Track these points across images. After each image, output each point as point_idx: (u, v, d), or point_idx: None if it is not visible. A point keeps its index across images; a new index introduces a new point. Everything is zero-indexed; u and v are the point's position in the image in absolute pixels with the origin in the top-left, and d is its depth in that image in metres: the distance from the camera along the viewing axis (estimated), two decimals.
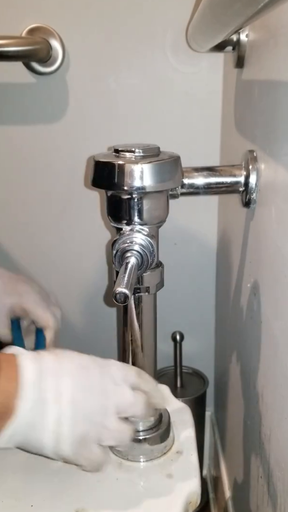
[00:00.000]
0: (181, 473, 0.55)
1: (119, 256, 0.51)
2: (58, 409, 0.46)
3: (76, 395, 0.47)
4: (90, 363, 0.50)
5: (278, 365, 0.51)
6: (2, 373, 0.45)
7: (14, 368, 0.47)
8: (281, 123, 0.48)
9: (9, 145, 0.94)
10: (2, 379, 0.45)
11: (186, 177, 0.62)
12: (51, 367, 0.48)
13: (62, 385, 0.47)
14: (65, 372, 0.48)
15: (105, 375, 0.50)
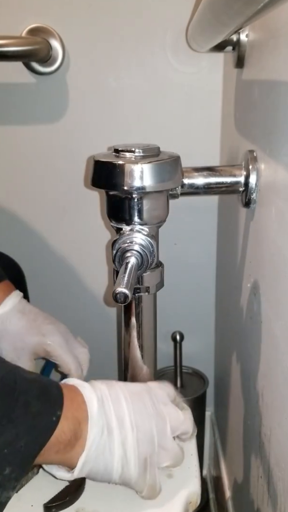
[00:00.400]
0: (181, 473, 0.55)
1: (119, 256, 0.51)
2: (123, 433, 0.48)
3: (135, 419, 0.49)
4: (139, 388, 0.52)
5: (278, 365, 0.51)
6: (70, 406, 0.47)
7: (81, 398, 0.48)
8: (281, 123, 0.48)
9: (9, 145, 0.94)
10: (72, 409, 0.47)
11: (186, 177, 0.62)
12: (109, 395, 0.50)
13: (122, 411, 0.49)
14: (122, 399, 0.50)
15: (154, 398, 0.52)
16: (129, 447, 0.48)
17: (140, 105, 0.91)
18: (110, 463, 0.48)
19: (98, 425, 0.47)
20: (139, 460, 0.48)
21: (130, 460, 0.48)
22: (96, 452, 0.47)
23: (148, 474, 0.50)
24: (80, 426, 0.47)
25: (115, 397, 0.50)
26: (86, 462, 0.47)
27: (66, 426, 0.45)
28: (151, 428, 0.49)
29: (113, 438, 0.48)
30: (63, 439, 0.45)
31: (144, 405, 0.50)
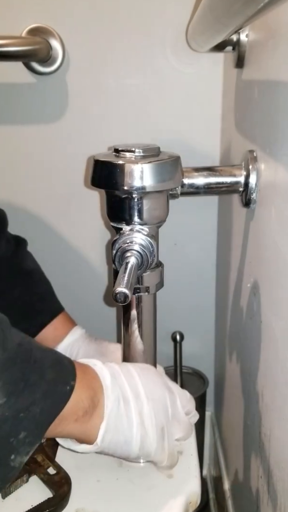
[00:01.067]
0: (181, 473, 0.55)
1: (119, 256, 0.51)
2: (139, 403, 0.49)
3: (151, 391, 0.51)
4: (148, 366, 0.56)
5: (278, 365, 0.51)
6: (83, 378, 0.48)
7: (93, 372, 0.50)
8: (281, 123, 0.48)
9: (9, 145, 0.94)
10: (86, 381, 0.48)
11: (186, 177, 0.62)
12: (119, 370, 0.51)
13: (136, 383, 0.51)
14: (135, 373, 0.52)
15: (162, 375, 0.55)
16: (146, 417, 0.49)
17: (140, 105, 0.91)
18: (130, 433, 0.48)
19: (114, 394, 0.48)
20: (157, 429, 0.50)
21: (148, 429, 0.49)
22: (115, 422, 0.48)
23: (166, 443, 0.51)
24: (96, 395, 0.47)
25: (126, 371, 0.51)
26: (106, 432, 0.47)
27: (83, 394, 0.46)
28: (165, 399, 0.52)
29: (130, 408, 0.49)
30: (81, 406, 0.46)
31: (156, 380, 0.53)
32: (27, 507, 0.50)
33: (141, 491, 0.53)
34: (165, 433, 0.51)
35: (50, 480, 0.53)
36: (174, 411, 0.52)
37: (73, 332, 0.74)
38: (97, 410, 0.47)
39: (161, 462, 0.52)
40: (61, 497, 0.51)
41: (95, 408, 0.47)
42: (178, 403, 0.53)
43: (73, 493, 0.52)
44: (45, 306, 0.75)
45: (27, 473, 0.54)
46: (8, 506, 0.51)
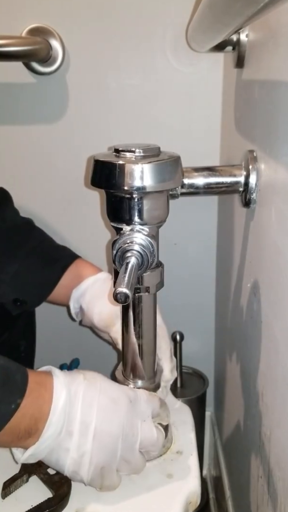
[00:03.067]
0: (181, 473, 0.55)
1: (119, 256, 0.51)
2: (83, 440, 0.48)
3: (102, 429, 0.48)
4: (121, 397, 0.51)
5: (278, 365, 0.51)
6: (35, 399, 0.47)
7: (49, 393, 0.48)
8: (281, 123, 0.48)
9: (9, 145, 0.94)
10: (35, 404, 0.46)
11: (186, 177, 0.62)
12: (83, 396, 0.49)
13: (90, 417, 0.48)
14: (95, 404, 0.49)
15: (134, 411, 0.51)
16: (85, 454, 0.48)
17: (140, 105, 0.91)
18: (63, 461, 0.48)
19: (56, 425, 0.47)
20: (94, 468, 0.49)
21: (84, 466, 0.48)
22: (48, 449, 0.47)
23: (105, 479, 0.50)
24: (36, 424, 0.46)
25: (88, 400, 0.49)
26: (33, 455, 0.47)
27: (22, 422, 0.46)
28: (116, 441, 0.49)
29: (71, 442, 0.47)
30: (17, 432, 0.46)
31: (118, 417, 0.49)
32: (27, 507, 0.50)
33: (141, 491, 0.53)
34: (105, 472, 0.49)
35: (50, 480, 0.53)
36: (125, 453, 0.50)
37: (103, 273, 0.74)
38: (33, 437, 0.47)
39: (97, 488, 0.52)
40: (61, 497, 0.51)
41: (30, 436, 0.46)
42: (136, 447, 0.50)
43: (73, 493, 0.52)
44: (64, 252, 0.78)
45: (27, 473, 0.54)
46: (8, 506, 0.51)
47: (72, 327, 1.04)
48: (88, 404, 0.48)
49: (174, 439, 0.60)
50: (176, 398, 0.68)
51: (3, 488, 0.52)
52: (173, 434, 0.61)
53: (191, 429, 0.63)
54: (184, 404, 0.67)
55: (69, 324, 1.03)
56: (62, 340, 1.09)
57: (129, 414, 0.50)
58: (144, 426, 0.51)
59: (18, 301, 0.73)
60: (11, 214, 0.79)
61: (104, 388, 0.51)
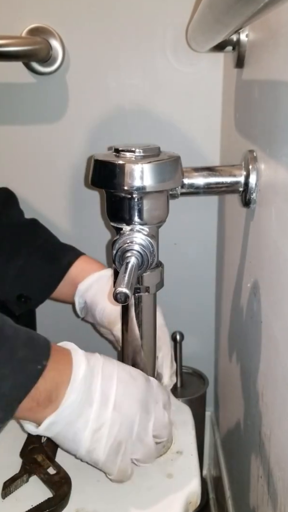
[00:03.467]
0: (181, 473, 0.55)
1: (119, 256, 0.51)
2: (103, 410, 0.47)
3: (122, 402, 0.48)
4: (139, 374, 0.51)
5: (278, 365, 0.51)
6: (56, 364, 0.46)
7: (69, 361, 0.48)
8: (281, 123, 0.48)
9: (9, 145, 0.94)
10: (55, 370, 0.46)
11: (186, 177, 0.62)
12: (102, 368, 0.49)
13: (110, 388, 0.48)
14: (115, 376, 0.49)
15: (150, 391, 0.51)
16: (105, 425, 0.47)
17: (140, 105, 0.91)
18: (80, 433, 0.47)
19: (77, 393, 0.46)
20: (112, 442, 0.47)
21: (102, 438, 0.47)
22: (68, 418, 0.46)
23: (120, 458, 0.48)
24: (57, 389, 0.46)
25: (108, 372, 0.49)
26: (53, 423, 0.46)
27: (43, 386, 0.45)
28: (134, 416, 0.49)
29: (91, 411, 0.47)
30: (37, 398, 0.45)
31: (136, 392, 0.49)
32: (27, 507, 0.50)
33: (141, 491, 0.53)
34: (122, 448, 0.48)
35: (50, 480, 0.53)
36: (141, 432, 0.49)
37: (107, 269, 0.74)
38: (54, 404, 0.46)
39: (109, 474, 0.50)
40: (61, 497, 0.51)
41: (51, 402, 0.46)
42: (150, 426, 0.50)
43: (73, 493, 0.52)
44: (68, 248, 0.78)
45: (27, 473, 0.54)
46: (8, 506, 0.51)
47: (72, 326, 1.04)
48: (108, 376, 0.49)
49: (174, 439, 0.60)
50: (176, 398, 0.68)
51: (3, 488, 0.52)
52: (173, 434, 0.61)
53: (191, 429, 0.63)
54: (184, 404, 0.67)
55: (69, 323, 1.03)
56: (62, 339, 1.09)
57: (146, 392, 0.50)
58: (157, 407, 0.51)
59: (22, 297, 0.73)
60: (17, 213, 0.80)
61: (121, 364, 0.52)
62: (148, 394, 0.51)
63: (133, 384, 0.50)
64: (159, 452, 0.57)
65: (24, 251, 0.74)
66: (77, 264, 0.75)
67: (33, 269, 0.73)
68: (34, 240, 0.76)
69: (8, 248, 0.74)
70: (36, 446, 0.58)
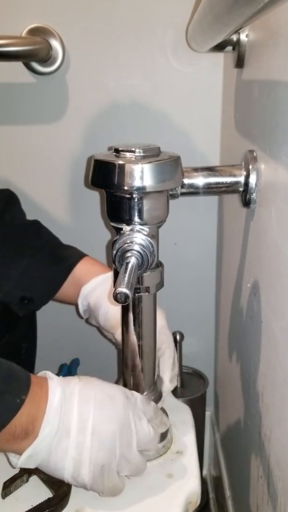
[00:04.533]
0: (181, 473, 0.55)
1: (119, 256, 0.51)
2: (81, 437, 0.47)
3: (100, 425, 0.48)
4: (117, 394, 0.51)
5: (278, 365, 0.51)
6: (32, 397, 0.47)
7: (45, 392, 0.48)
8: (281, 123, 0.48)
9: (9, 145, 0.94)
10: (31, 403, 0.46)
11: (186, 177, 0.62)
12: (79, 394, 0.49)
13: (87, 413, 0.48)
14: (92, 401, 0.49)
15: (130, 408, 0.51)
16: (85, 451, 0.47)
17: (140, 105, 0.91)
18: (61, 462, 0.47)
19: (52, 423, 0.46)
20: (95, 466, 0.48)
21: (84, 464, 0.47)
22: (46, 449, 0.47)
23: (106, 479, 0.49)
24: (33, 423, 0.46)
25: (84, 397, 0.49)
26: (31, 456, 0.47)
27: (18, 420, 0.45)
28: (114, 437, 0.48)
29: (69, 439, 0.47)
30: (13, 431, 0.45)
31: (115, 413, 0.49)
32: (27, 507, 0.50)
33: (141, 491, 0.53)
34: (105, 470, 0.48)
35: (50, 480, 0.53)
36: (124, 451, 0.49)
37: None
38: (31, 436, 0.46)
39: (101, 493, 0.51)
40: (61, 497, 0.51)
41: (28, 435, 0.46)
42: (133, 443, 0.50)
43: (73, 493, 0.52)
44: (71, 250, 0.78)
45: (27, 473, 0.54)
46: (8, 506, 0.51)
47: (72, 327, 1.04)
48: (84, 400, 0.48)
49: (174, 439, 0.60)
50: (176, 398, 0.68)
51: (3, 488, 0.52)
52: (173, 434, 0.61)
53: (191, 429, 0.63)
54: (184, 404, 0.67)
55: (69, 324, 1.03)
56: (62, 340, 1.09)
57: (126, 410, 0.50)
58: (141, 423, 0.51)
59: (25, 298, 0.73)
60: (19, 214, 0.79)
61: (100, 385, 0.51)
62: (129, 412, 0.50)
63: (111, 405, 0.49)
64: (159, 453, 0.57)
65: (27, 253, 0.74)
66: (80, 265, 0.75)
67: (36, 270, 0.73)
68: (37, 241, 0.76)
69: (11, 249, 0.73)
70: None
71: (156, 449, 0.56)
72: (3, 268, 0.72)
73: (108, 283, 0.71)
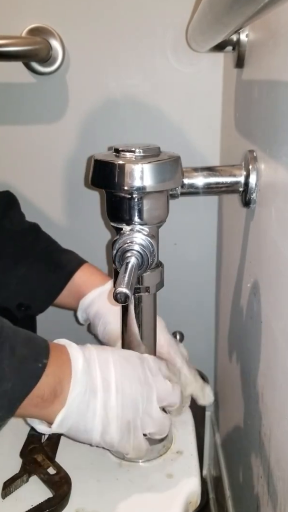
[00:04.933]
0: (181, 473, 0.55)
1: (119, 256, 0.51)
2: (107, 395, 0.49)
3: (122, 383, 0.50)
4: (131, 354, 0.54)
5: (278, 365, 0.51)
6: (55, 361, 0.48)
7: (66, 356, 0.49)
8: (281, 123, 0.48)
9: (9, 145, 0.94)
10: (55, 366, 0.47)
11: (186, 177, 0.62)
12: (98, 357, 0.51)
13: (109, 373, 0.50)
14: (110, 362, 0.51)
15: (145, 366, 0.53)
16: (111, 409, 0.49)
17: (140, 105, 0.91)
18: (91, 422, 0.48)
19: (81, 384, 0.48)
20: (121, 423, 0.49)
21: (112, 422, 0.49)
22: (77, 410, 0.48)
23: (132, 436, 0.50)
24: (61, 383, 0.47)
25: (103, 359, 0.51)
26: (64, 419, 0.47)
27: (46, 382, 0.46)
28: (136, 393, 0.50)
29: (96, 399, 0.48)
30: (42, 394, 0.46)
31: (133, 371, 0.51)
32: (27, 507, 0.50)
33: (141, 491, 0.53)
34: (131, 427, 0.50)
35: (50, 480, 0.53)
36: (147, 406, 0.51)
37: (110, 282, 0.72)
38: (59, 398, 0.47)
39: (126, 454, 0.52)
40: (61, 497, 0.51)
41: (56, 397, 0.47)
42: (154, 398, 0.52)
43: (73, 493, 0.52)
44: (70, 257, 0.77)
45: (27, 473, 0.54)
46: (8, 506, 0.51)
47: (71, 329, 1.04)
48: (104, 362, 0.50)
49: (174, 439, 0.60)
50: None
51: (3, 488, 0.52)
52: (173, 434, 0.61)
53: (191, 429, 0.63)
54: None
55: (69, 325, 1.03)
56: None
57: (142, 367, 0.52)
58: (157, 379, 0.53)
59: (22, 305, 0.73)
60: (18, 218, 0.79)
61: (113, 349, 0.54)
62: (145, 369, 0.53)
63: (129, 364, 0.52)
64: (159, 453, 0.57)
65: (26, 260, 0.73)
66: (79, 273, 0.74)
67: (35, 278, 0.73)
68: (36, 247, 0.75)
69: (10, 255, 0.73)
70: (36, 446, 0.58)
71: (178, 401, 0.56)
72: (1, 276, 0.72)
73: (105, 296, 0.71)
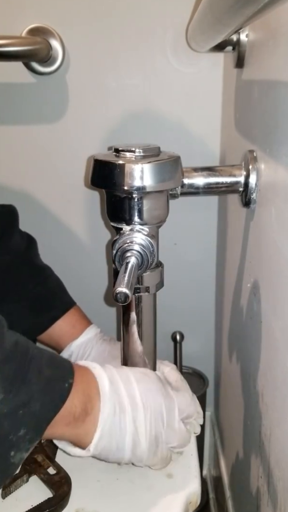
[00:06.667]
0: (181, 473, 0.55)
1: (119, 256, 0.51)
2: (135, 413, 0.49)
3: (146, 398, 0.50)
4: (147, 370, 0.55)
5: (278, 365, 0.51)
6: (80, 379, 0.48)
7: (91, 375, 0.50)
8: (281, 123, 0.48)
9: (9, 145, 0.94)
10: (82, 383, 0.48)
11: (186, 177, 0.62)
12: (119, 375, 0.51)
13: (133, 390, 0.50)
14: (132, 378, 0.51)
15: (163, 379, 0.54)
16: (140, 425, 0.49)
17: (140, 105, 0.91)
18: (122, 441, 0.49)
19: (110, 402, 0.48)
20: (150, 437, 0.50)
21: (142, 437, 0.49)
22: (109, 429, 0.48)
23: (160, 450, 0.51)
24: (91, 401, 0.47)
25: (125, 376, 0.51)
26: (100, 439, 0.47)
27: (76, 399, 0.46)
28: (161, 407, 0.51)
29: (125, 416, 0.49)
30: (74, 411, 0.46)
31: (154, 386, 0.52)
32: (27, 507, 0.50)
33: (141, 491, 0.53)
34: (159, 441, 0.51)
35: (50, 480, 0.53)
36: (169, 420, 0.52)
37: (87, 331, 0.72)
38: (90, 417, 0.47)
39: (153, 466, 0.53)
40: (61, 497, 0.51)
41: (87, 415, 0.47)
42: (176, 411, 0.52)
43: (73, 493, 0.52)
44: (57, 301, 0.75)
45: (27, 473, 0.54)
46: (8, 506, 0.51)
47: None
48: (126, 379, 0.51)
49: None
50: None
51: (3, 488, 0.52)
52: None
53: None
54: None
55: None
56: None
57: (161, 382, 0.53)
58: (173, 391, 0.54)
59: None
60: (16, 242, 0.75)
61: (128, 367, 0.54)
62: (163, 382, 0.54)
63: (149, 379, 0.52)
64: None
65: (12, 296, 0.71)
66: (61, 322, 0.72)
67: (16, 317, 0.69)
68: (25, 284, 0.73)
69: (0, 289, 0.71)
70: (36, 446, 0.58)
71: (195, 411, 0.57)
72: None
73: (83, 348, 0.70)
